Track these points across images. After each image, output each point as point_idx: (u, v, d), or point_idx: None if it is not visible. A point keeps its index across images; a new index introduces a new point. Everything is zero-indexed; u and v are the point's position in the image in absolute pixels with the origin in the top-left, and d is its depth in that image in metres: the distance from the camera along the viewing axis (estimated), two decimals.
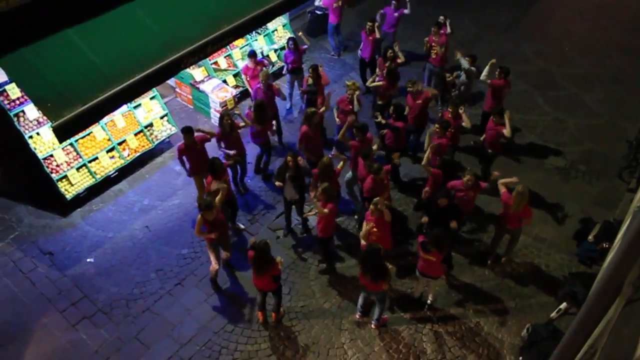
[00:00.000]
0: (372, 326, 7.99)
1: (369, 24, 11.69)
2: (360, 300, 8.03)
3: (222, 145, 9.39)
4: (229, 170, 9.19)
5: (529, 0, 16.50)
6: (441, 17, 11.72)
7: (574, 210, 9.75)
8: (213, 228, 7.76)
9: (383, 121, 9.92)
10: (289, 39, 11.44)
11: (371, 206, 7.66)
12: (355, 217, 9.51)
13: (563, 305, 7.95)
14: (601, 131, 11.55)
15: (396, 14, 12.55)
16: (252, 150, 10.23)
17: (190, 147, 8.85)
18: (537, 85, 12.91)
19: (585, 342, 3.92)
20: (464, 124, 9.50)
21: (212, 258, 8.15)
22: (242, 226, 9.45)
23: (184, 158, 8.97)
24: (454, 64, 11.59)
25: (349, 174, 9.31)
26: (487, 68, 10.45)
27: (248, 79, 11.18)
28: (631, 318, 3.03)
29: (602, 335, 3.61)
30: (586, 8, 16.10)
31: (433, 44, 11.43)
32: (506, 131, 9.15)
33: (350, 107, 9.94)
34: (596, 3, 16.31)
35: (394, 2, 12.57)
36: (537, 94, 12.61)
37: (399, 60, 10.93)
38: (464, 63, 10.69)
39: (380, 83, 10.62)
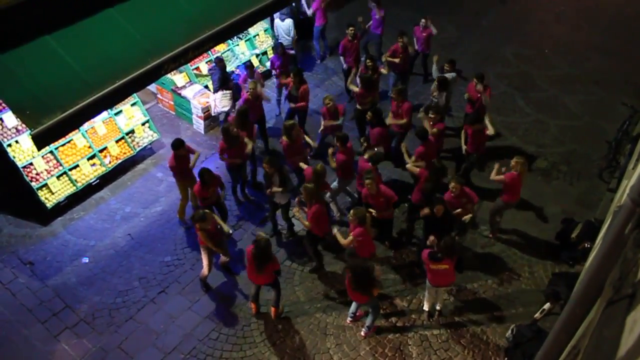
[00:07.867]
0: (362, 333, 7.95)
1: (350, 29, 11.62)
2: (352, 307, 7.99)
3: (225, 155, 9.19)
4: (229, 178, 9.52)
5: (508, 3, 16.67)
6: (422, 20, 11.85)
7: (556, 210, 9.84)
8: (211, 237, 7.81)
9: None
10: (278, 43, 11.41)
11: (351, 213, 7.65)
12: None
13: (547, 306, 8.00)
14: (581, 132, 11.68)
15: (377, 17, 12.58)
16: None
17: (182, 158, 8.84)
18: (518, 87, 13.02)
19: (569, 342, 3.94)
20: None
21: (206, 263, 8.09)
22: (230, 231, 9.38)
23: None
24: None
25: (335, 184, 9.30)
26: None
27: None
28: (612, 319, 3.04)
29: (585, 335, 3.63)
30: (565, 10, 16.30)
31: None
32: (489, 130, 9.34)
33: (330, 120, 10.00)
34: (575, 6, 16.51)
35: (372, 3, 12.59)
36: (518, 96, 12.72)
37: (383, 71, 11.07)
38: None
39: (357, 89, 10.58)
